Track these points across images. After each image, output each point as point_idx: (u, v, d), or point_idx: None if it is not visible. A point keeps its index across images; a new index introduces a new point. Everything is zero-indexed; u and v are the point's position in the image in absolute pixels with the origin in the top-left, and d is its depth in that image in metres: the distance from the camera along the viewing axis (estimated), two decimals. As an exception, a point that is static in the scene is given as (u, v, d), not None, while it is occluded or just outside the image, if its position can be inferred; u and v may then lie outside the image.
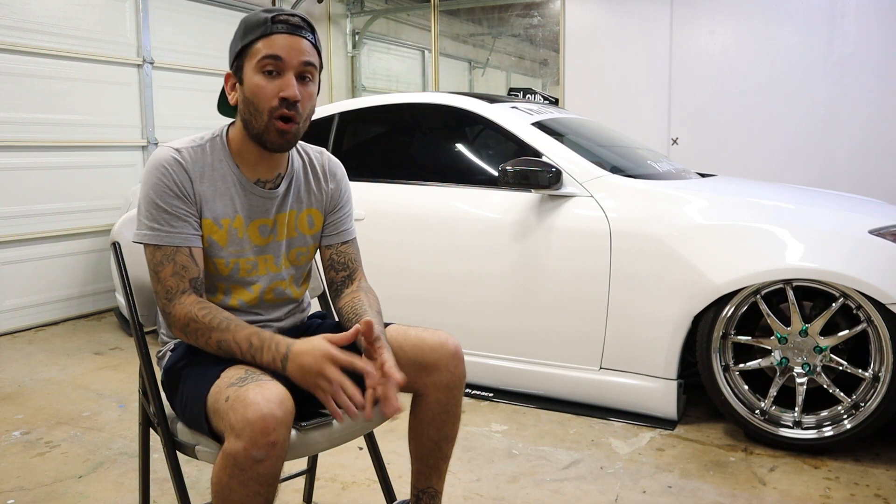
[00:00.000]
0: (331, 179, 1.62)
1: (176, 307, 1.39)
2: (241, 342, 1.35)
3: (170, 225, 1.40)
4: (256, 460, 1.19)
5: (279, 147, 1.44)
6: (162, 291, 1.40)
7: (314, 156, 1.62)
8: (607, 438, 2.52)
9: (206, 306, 1.39)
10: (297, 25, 1.41)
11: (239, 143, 1.48)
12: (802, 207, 2.60)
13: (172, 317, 1.39)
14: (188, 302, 1.39)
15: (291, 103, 1.39)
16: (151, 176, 1.41)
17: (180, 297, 1.39)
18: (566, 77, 5.53)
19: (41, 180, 4.12)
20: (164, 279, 1.40)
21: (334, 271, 1.63)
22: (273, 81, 1.39)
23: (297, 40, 1.40)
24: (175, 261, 1.40)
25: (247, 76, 1.41)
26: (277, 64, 1.38)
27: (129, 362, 3.44)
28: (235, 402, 1.23)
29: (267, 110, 1.39)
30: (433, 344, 1.50)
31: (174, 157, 1.42)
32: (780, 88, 4.84)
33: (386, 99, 3.39)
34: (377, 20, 6.80)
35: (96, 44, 4.35)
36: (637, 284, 2.57)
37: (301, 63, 1.40)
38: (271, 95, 1.38)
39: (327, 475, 2.23)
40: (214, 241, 1.46)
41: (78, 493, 2.15)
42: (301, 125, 1.44)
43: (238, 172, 1.48)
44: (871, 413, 2.31)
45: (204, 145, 1.47)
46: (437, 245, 2.94)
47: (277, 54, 1.38)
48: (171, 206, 1.40)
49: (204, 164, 1.45)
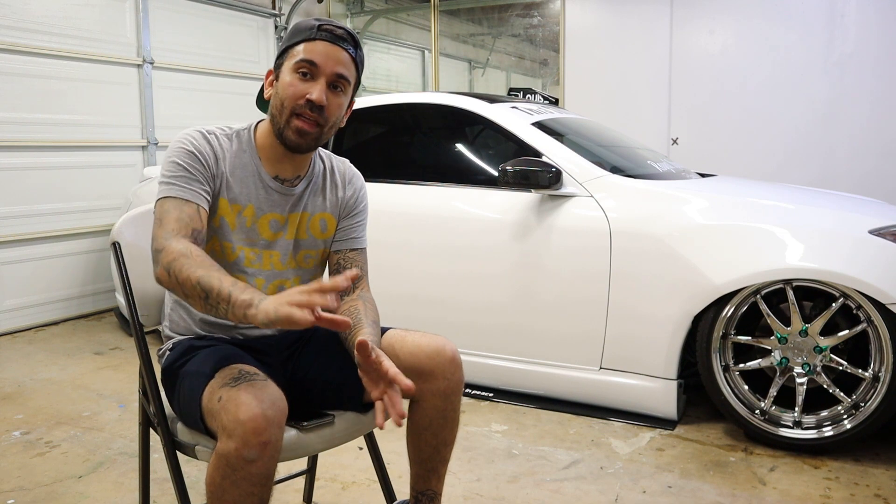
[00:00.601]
0: (349, 186, 1.64)
1: (172, 244, 1.33)
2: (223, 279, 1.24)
3: (185, 181, 1.43)
4: (248, 460, 1.19)
5: (296, 146, 1.46)
6: (161, 233, 1.36)
7: (336, 164, 1.65)
8: (607, 438, 2.52)
9: (201, 251, 1.33)
10: (339, 36, 1.46)
11: (265, 139, 1.52)
12: (802, 207, 2.60)
13: (163, 252, 1.32)
14: (185, 243, 1.33)
15: (316, 106, 1.43)
16: (178, 143, 1.46)
17: (178, 237, 1.35)
18: (566, 77, 5.53)
19: (41, 180, 4.12)
20: (168, 223, 1.37)
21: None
22: (304, 83, 1.44)
23: (336, 50, 1.45)
24: (182, 210, 1.40)
25: (283, 74, 1.46)
26: (312, 68, 1.43)
27: (129, 362, 3.44)
28: (228, 403, 1.23)
29: (291, 107, 1.44)
30: (430, 351, 1.49)
31: (202, 134, 1.49)
32: (780, 88, 4.84)
33: (386, 99, 3.39)
34: (377, 20, 6.80)
35: (96, 44, 4.35)
36: (637, 284, 2.57)
37: (335, 73, 1.44)
38: (299, 95, 1.43)
39: (327, 475, 2.23)
40: (226, 223, 1.49)
41: (78, 493, 2.15)
42: (325, 131, 1.47)
43: (259, 165, 1.51)
44: (871, 413, 2.31)
45: (231, 134, 1.53)
46: (438, 245, 2.94)
47: (314, 59, 1.43)
48: (189, 166, 1.44)
49: (229, 150, 1.50)
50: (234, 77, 5.24)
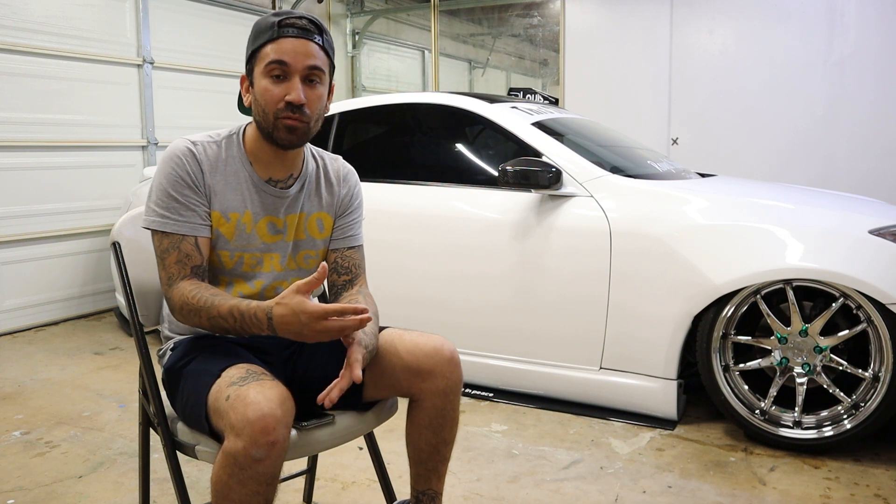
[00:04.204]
0: (344, 185, 1.64)
1: (174, 291, 1.42)
2: (226, 317, 1.36)
3: (179, 214, 1.43)
4: (256, 459, 1.20)
5: (289, 143, 1.46)
6: (164, 277, 1.44)
7: (329, 161, 1.64)
8: (607, 438, 2.52)
9: (196, 287, 1.41)
10: (304, 28, 1.43)
11: (253, 143, 1.51)
12: (802, 207, 2.60)
13: (171, 301, 1.43)
14: (184, 286, 1.41)
15: (296, 107, 1.42)
16: (166, 165, 1.45)
17: (179, 282, 1.42)
18: (566, 77, 5.53)
19: (41, 180, 4.12)
20: (168, 266, 1.43)
21: (336, 274, 1.63)
22: (279, 85, 1.42)
23: (304, 44, 1.42)
24: (180, 248, 1.43)
25: (256, 80, 1.45)
26: (283, 69, 1.41)
27: (129, 362, 3.44)
28: (236, 402, 1.23)
29: (273, 113, 1.43)
30: (428, 350, 1.49)
31: (189, 149, 1.46)
32: (779, 88, 4.84)
33: (386, 99, 3.39)
34: (377, 20, 6.80)
35: (96, 44, 4.35)
36: (637, 284, 2.57)
37: (306, 67, 1.42)
38: (277, 99, 1.42)
39: (327, 475, 2.23)
40: (221, 234, 1.48)
41: (78, 493, 2.15)
42: (312, 125, 1.47)
43: (251, 170, 1.51)
44: (871, 413, 2.31)
45: (220, 141, 1.51)
46: (438, 245, 2.94)
47: (283, 59, 1.41)
48: (181, 195, 1.43)
49: (218, 159, 1.49)
50: (234, 77, 5.24)
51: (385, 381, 1.51)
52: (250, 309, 1.33)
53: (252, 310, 1.33)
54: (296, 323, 1.27)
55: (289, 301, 1.28)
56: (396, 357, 1.48)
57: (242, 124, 1.56)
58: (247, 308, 1.33)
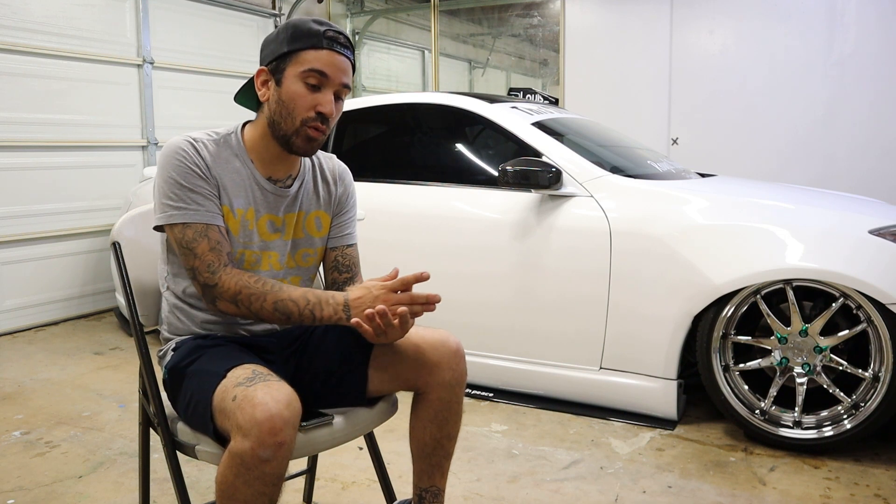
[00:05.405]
0: (340, 183, 1.66)
1: (223, 278, 1.41)
2: (297, 300, 1.40)
3: (197, 203, 1.43)
4: (263, 460, 1.20)
5: (304, 152, 1.48)
6: (202, 266, 1.42)
7: (324, 160, 1.66)
8: (607, 438, 2.52)
9: (253, 274, 1.44)
10: (344, 45, 1.47)
11: (256, 141, 1.52)
12: (802, 207, 2.60)
13: (220, 288, 1.41)
14: (234, 272, 1.42)
15: (325, 118, 1.44)
16: (170, 159, 1.44)
17: (224, 269, 1.42)
18: (566, 77, 5.53)
19: (41, 180, 4.12)
20: (202, 254, 1.42)
21: (338, 272, 1.64)
22: (312, 94, 1.44)
23: (342, 60, 1.46)
24: (208, 236, 1.42)
25: (287, 80, 1.44)
26: (321, 79, 1.44)
27: (129, 362, 3.44)
28: (243, 402, 1.23)
29: (301, 119, 1.44)
30: (434, 342, 1.51)
31: (190, 143, 1.46)
32: (779, 88, 4.84)
33: (386, 99, 3.39)
34: (377, 20, 6.80)
35: (96, 44, 4.35)
36: (637, 284, 2.57)
37: (341, 83, 1.46)
38: (308, 106, 1.44)
39: (327, 475, 2.23)
40: (228, 229, 1.49)
41: (78, 493, 2.15)
42: (327, 135, 1.50)
43: (252, 168, 1.51)
44: (871, 413, 2.31)
45: (218, 140, 1.51)
46: (438, 245, 2.94)
47: (324, 71, 1.43)
48: (194, 185, 1.43)
49: (219, 156, 1.49)
50: (234, 77, 5.23)
51: (390, 375, 1.52)
52: (327, 293, 1.42)
53: (328, 293, 1.42)
54: (369, 297, 1.38)
55: (366, 284, 1.43)
56: (402, 350, 1.50)
57: (239, 123, 1.56)
58: (323, 292, 1.42)
